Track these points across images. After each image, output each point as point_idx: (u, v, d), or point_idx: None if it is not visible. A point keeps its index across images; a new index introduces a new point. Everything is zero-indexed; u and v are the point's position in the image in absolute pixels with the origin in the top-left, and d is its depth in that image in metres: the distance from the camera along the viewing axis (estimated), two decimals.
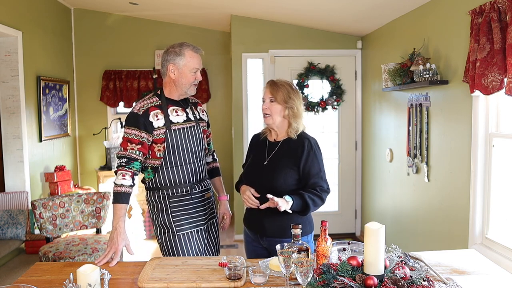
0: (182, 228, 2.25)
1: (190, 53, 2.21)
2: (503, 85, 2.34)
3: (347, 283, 1.35)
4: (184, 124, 2.26)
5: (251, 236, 2.23)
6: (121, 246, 2.04)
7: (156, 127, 2.17)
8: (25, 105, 4.47)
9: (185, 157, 2.25)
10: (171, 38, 5.87)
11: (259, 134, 2.32)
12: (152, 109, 2.19)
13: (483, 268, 1.82)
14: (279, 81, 2.16)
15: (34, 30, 4.69)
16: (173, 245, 2.25)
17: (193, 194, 2.28)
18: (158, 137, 2.18)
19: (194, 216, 2.28)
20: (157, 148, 2.19)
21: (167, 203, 2.25)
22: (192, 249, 2.26)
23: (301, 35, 4.96)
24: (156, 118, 2.18)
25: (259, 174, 2.13)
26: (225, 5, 4.55)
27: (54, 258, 3.26)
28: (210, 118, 7.20)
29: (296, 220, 2.05)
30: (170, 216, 2.24)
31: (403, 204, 3.93)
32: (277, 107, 2.10)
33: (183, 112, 2.28)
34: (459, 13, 2.90)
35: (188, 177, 2.27)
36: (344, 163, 5.16)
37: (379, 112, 4.51)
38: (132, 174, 2.15)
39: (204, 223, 2.32)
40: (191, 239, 2.26)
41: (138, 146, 2.16)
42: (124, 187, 2.12)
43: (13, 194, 4.30)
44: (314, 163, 2.07)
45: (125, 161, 2.15)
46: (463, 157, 2.92)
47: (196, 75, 2.24)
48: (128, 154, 2.16)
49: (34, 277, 1.79)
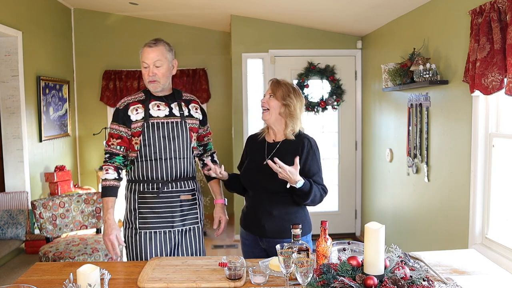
0: (146, 227, 2.18)
1: (143, 48, 2.19)
2: (503, 85, 2.34)
3: (347, 283, 1.35)
4: (164, 118, 2.21)
5: (249, 238, 2.20)
6: (112, 236, 2.12)
7: (134, 120, 2.19)
8: (25, 105, 4.47)
9: (161, 153, 2.19)
10: (171, 38, 5.83)
11: (256, 135, 2.30)
12: (133, 104, 2.22)
13: (483, 268, 1.82)
14: (283, 80, 2.18)
15: (34, 30, 4.69)
16: (133, 242, 2.19)
17: (163, 192, 2.19)
18: (135, 130, 2.19)
19: (163, 216, 2.19)
20: (135, 141, 2.21)
21: (136, 197, 2.22)
22: (153, 250, 2.18)
23: (301, 35, 4.96)
24: (136, 112, 2.20)
25: (258, 175, 2.12)
26: (225, 5, 4.55)
27: (54, 258, 3.26)
28: (210, 118, 7.15)
29: (296, 221, 2.05)
30: (136, 212, 2.20)
31: (403, 204, 3.93)
32: (275, 103, 2.11)
33: (165, 107, 2.23)
34: (459, 13, 2.90)
35: (161, 174, 2.20)
36: (344, 163, 5.16)
37: (379, 112, 4.51)
38: (115, 168, 2.22)
39: (176, 225, 2.21)
40: (155, 240, 2.18)
41: (117, 141, 2.21)
42: (108, 181, 2.19)
43: (13, 194, 4.29)
44: (313, 162, 2.09)
45: (108, 156, 2.23)
46: (463, 157, 2.92)
47: (147, 70, 2.17)
48: (110, 149, 2.23)
49: (34, 277, 1.78)
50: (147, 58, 2.17)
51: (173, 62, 2.25)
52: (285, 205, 2.08)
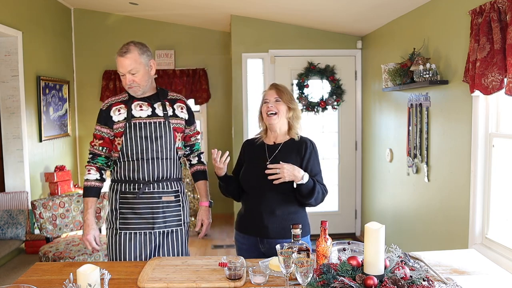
0: (126, 227, 2.17)
1: (116, 57, 2.14)
2: (503, 85, 2.34)
3: (347, 283, 1.35)
4: (147, 119, 2.18)
5: (246, 242, 2.17)
6: (90, 236, 2.16)
7: (116, 121, 2.20)
8: (25, 105, 4.47)
9: (143, 153, 2.15)
10: (171, 38, 5.87)
11: (253, 140, 2.30)
12: (115, 104, 2.23)
13: (483, 268, 1.82)
14: (279, 84, 2.23)
15: (34, 30, 4.69)
16: (113, 242, 2.18)
17: (144, 193, 2.16)
18: (117, 131, 2.19)
19: (144, 217, 2.17)
20: (117, 141, 2.20)
21: (117, 197, 2.21)
22: (133, 251, 2.15)
23: (301, 35, 4.95)
24: (118, 112, 2.20)
25: (261, 176, 2.10)
26: (225, 5, 4.55)
27: (54, 258, 3.26)
28: (210, 118, 7.08)
29: (298, 221, 2.07)
30: (117, 212, 2.19)
31: (403, 204, 3.93)
32: (283, 107, 2.15)
33: (148, 107, 2.21)
34: (459, 13, 2.90)
35: (142, 174, 2.16)
36: (344, 163, 5.16)
37: (379, 112, 4.51)
38: (97, 169, 2.25)
39: (157, 227, 2.18)
40: (135, 241, 2.16)
41: (99, 142, 2.24)
42: (90, 181, 2.23)
43: (13, 194, 4.30)
44: (315, 163, 2.14)
45: (91, 156, 2.27)
46: (463, 157, 2.92)
47: (125, 78, 2.14)
48: (93, 150, 2.27)
49: (34, 277, 1.78)
50: (121, 67, 2.13)
51: (150, 63, 2.18)
52: (288, 205, 2.10)
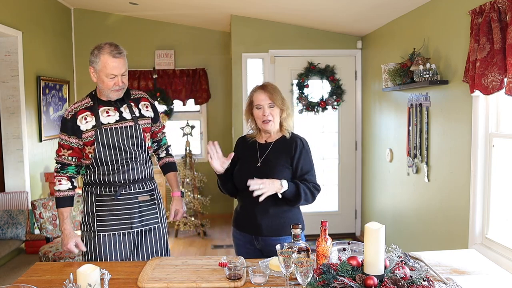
0: (104, 229, 2.15)
1: (106, 57, 2.02)
2: (503, 85, 2.34)
3: (347, 283, 1.35)
4: (116, 124, 2.14)
5: (242, 238, 2.21)
6: (70, 245, 2.12)
7: (84, 130, 2.12)
8: (25, 105, 4.47)
9: (116, 157, 2.13)
10: (171, 38, 5.87)
11: (245, 138, 2.29)
12: (80, 112, 2.14)
13: (483, 268, 1.82)
14: (269, 84, 2.16)
15: (34, 30, 4.69)
16: (91, 244, 2.16)
17: (121, 195, 2.15)
18: (87, 140, 2.12)
19: (122, 218, 2.16)
20: (88, 150, 2.14)
21: (93, 200, 2.18)
22: (113, 252, 2.15)
23: (301, 35, 4.95)
24: (85, 121, 2.12)
25: (253, 176, 2.11)
26: (225, 5, 4.55)
27: (54, 258, 3.26)
28: (210, 118, 7.06)
29: (291, 218, 2.09)
30: (94, 214, 2.17)
31: (403, 204, 3.93)
32: (277, 112, 2.13)
33: (115, 111, 2.16)
34: (459, 13, 2.90)
35: (118, 178, 2.15)
36: (344, 163, 5.15)
37: (379, 112, 4.51)
38: (68, 178, 2.19)
39: (135, 226, 2.18)
40: (114, 242, 2.15)
41: (69, 152, 2.17)
42: (62, 192, 2.18)
43: (13, 194, 4.30)
44: (306, 160, 2.13)
45: (60, 166, 2.19)
46: (463, 157, 2.92)
47: (115, 80, 2.06)
48: (61, 160, 2.19)
49: (34, 277, 1.79)
50: (115, 69, 2.04)
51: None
52: (281, 204, 2.11)
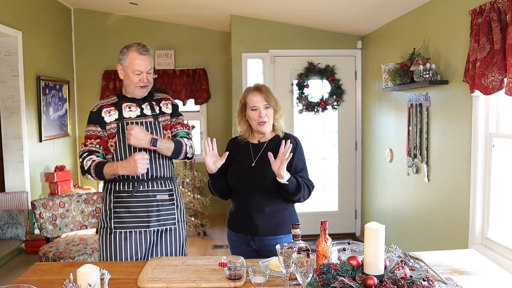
0: (121, 226, 2.16)
1: (134, 54, 2.15)
2: (503, 85, 2.34)
3: (347, 283, 1.35)
4: (137, 119, 2.22)
5: (238, 240, 2.21)
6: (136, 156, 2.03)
7: (108, 122, 2.21)
8: (25, 105, 4.47)
9: (136, 152, 2.13)
10: (171, 38, 5.87)
11: (236, 139, 2.29)
12: (105, 106, 2.24)
13: (483, 268, 1.82)
14: (263, 86, 2.17)
15: (34, 30, 4.69)
16: (107, 242, 2.16)
17: (138, 191, 2.17)
18: (110, 132, 2.20)
19: (139, 216, 2.17)
20: (110, 143, 2.20)
21: (111, 197, 2.20)
22: (129, 251, 2.15)
23: (301, 35, 4.95)
24: (109, 114, 2.22)
25: (248, 176, 2.13)
26: (225, 5, 4.55)
27: (54, 258, 3.26)
28: (210, 118, 7.10)
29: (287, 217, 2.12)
30: (111, 211, 2.18)
31: (403, 204, 3.93)
32: (271, 112, 2.15)
33: (137, 107, 2.24)
34: (459, 13, 2.90)
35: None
36: (344, 163, 5.15)
37: (379, 112, 4.51)
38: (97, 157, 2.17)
39: (152, 225, 2.18)
40: (130, 240, 2.16)
41: (97, 140, 2.21)
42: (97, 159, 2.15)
43: (13, 194, 4.29)
44: (300, 159, 2.15)
45: (87, 154, 2.19)
46: (463, 157, 2.92)
47: (140, 77, 2.16)
48: (88, 148, 2.20)
49: (34, 277, 1.79)
50: (140, 66, 2.15)
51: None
52: (276, 203, 2.12)
